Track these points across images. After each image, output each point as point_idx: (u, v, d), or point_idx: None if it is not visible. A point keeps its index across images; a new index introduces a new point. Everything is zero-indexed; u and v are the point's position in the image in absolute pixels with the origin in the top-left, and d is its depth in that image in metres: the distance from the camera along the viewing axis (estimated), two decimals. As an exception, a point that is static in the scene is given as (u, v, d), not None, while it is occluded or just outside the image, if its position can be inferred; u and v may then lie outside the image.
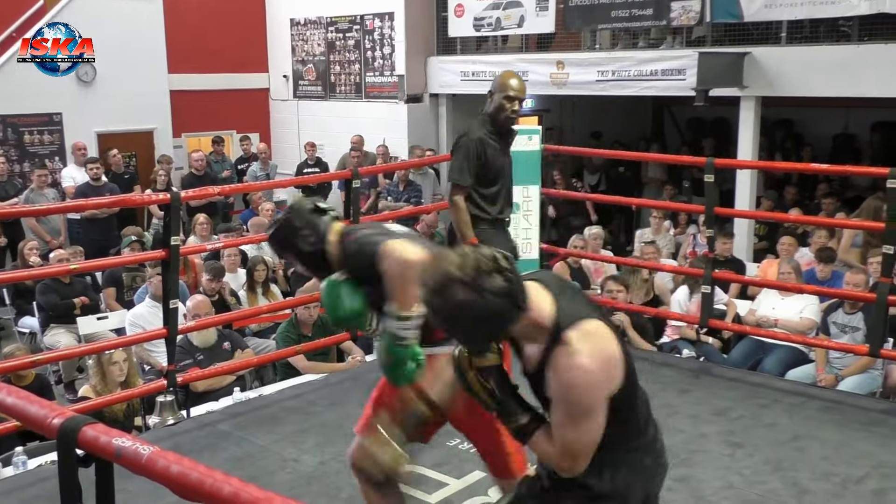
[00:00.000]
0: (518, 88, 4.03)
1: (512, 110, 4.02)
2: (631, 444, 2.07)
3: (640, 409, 2.10)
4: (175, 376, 4.42)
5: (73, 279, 7.28)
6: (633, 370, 2.02)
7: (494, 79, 4.19)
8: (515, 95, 4.01)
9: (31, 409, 1.76)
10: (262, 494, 1.46)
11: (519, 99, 4.02)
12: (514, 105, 4.01)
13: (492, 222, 4.06)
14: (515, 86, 4.02)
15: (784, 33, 8.02)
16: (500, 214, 4.10)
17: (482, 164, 3.99)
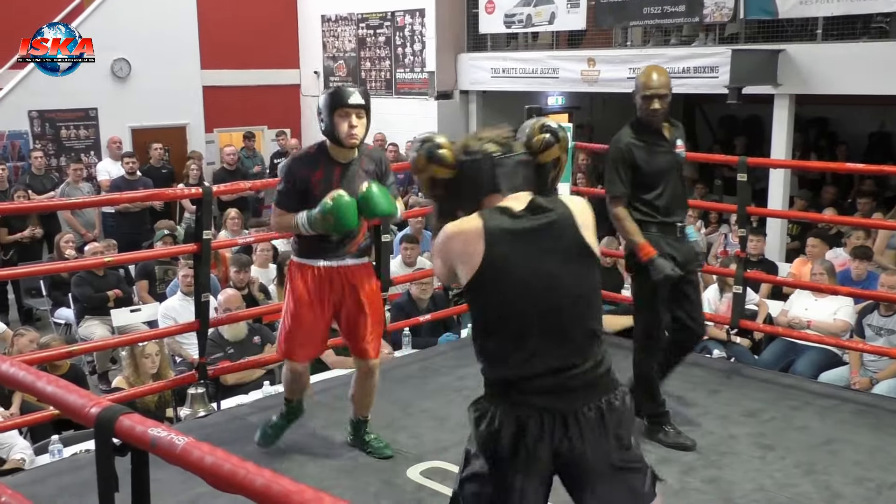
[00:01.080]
0: (654, 84, 3.70)
1: (651, 109, 3.71)
2: (497, 371, 2.11)
3: (510, 332, 2.09)
4: (206, 369, 4.46)
5: (107, 272, 7.39)
6: (509, 284, 2.07)
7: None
8: (652, 93, 3.69)
9: (69, 398, 1.79)
10: (294, 487, 1.47)
11: (657, 95, 3.68)
12: (652, 103, 3.70)
13: (660, 226, 3.77)
14: (650, 83, 3.71)
15: (820, 30, 7.91)
16: (669, 218, 3.77)
17: (634, 169, 3.74)
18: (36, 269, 6.40)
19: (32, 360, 4.09)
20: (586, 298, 2.16)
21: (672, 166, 3.80)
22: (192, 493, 3.28)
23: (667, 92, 3.71)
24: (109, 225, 9.08)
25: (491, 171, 2.15)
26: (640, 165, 3.74)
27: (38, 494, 3.30)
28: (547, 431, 2.03)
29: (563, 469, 2.10)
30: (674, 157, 3.81)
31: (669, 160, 3.79)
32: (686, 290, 3.85)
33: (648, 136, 3.78)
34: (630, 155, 3.75)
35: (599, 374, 2.12)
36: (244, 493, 1.54)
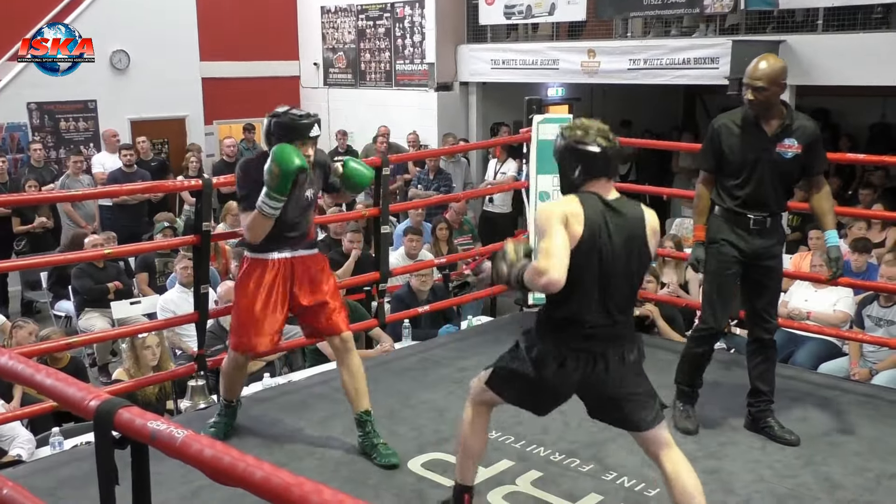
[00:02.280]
0: (751, 74, 3.62)
1: (748, 99, 3.66)
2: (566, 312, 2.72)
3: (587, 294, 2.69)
4: (205, 360, 4.46)
5: (107, 264, 7.39)
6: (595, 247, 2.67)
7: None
8: (749, 83, 3.64)
9: (68, 390, 1.79)
10: (293, 479, 1.47)
11: (751, 87, 3.61)
12: (747, 93, 3.65)
13: (730, 213, 3.77)
14: (748, 71, 3.65)
15: (820, 21, 7.88)
16: (744, 209, 3.73)
17: (718, 151, 3.77)
18: (34, 261, 6.38)
19: (32, 352, 4.09)
20: (638, 277, 2.83)
21: (764, 161, 3.70)
22: (193, 486, 3.29)
23: (765, 85, 3.59)
24: (107, 218, 9.07)
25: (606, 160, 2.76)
26: (724, 150, 3.76)
27: (39, 486, 3.30)
28: (581, 366, 2.73)
29: (585, 391, 2.84)
30: (769, 152, 3.70)
31: (762, 155, 3.70)
32: (754, 283, 3.84)
33: (744, 126, 3.74)
34: (717, 136, 3.79)
35: (629, 332, 2.80)
36: (243, 486, 1.54)
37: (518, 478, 3.50)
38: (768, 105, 3.65)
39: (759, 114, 3.67)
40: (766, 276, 3.82)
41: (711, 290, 3.87)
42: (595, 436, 3.88)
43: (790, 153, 3.71)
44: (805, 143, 3.71)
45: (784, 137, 3.70)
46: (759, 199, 3.74)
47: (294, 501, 1.43)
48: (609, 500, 3.33)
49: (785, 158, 3.71)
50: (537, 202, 5.55)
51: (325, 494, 1.41)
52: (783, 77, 3.65)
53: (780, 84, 3.64)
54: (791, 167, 3.74)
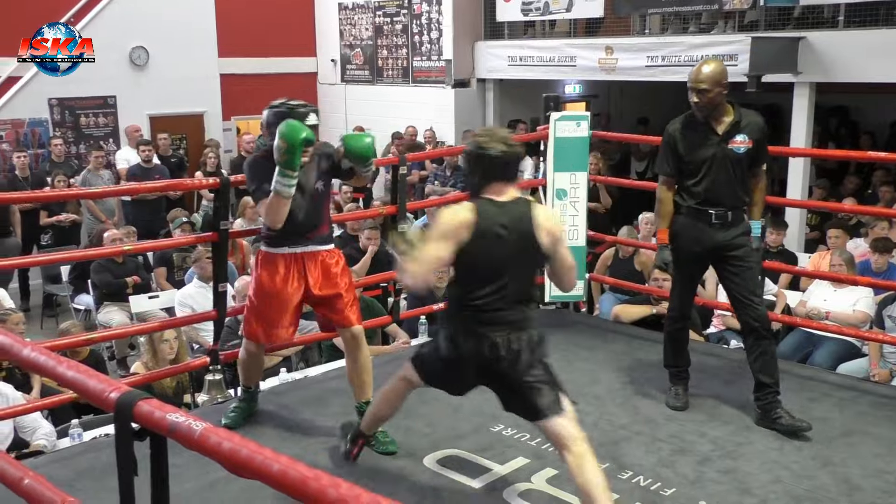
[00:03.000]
0: (694, 78, 3.86)
1: (694, 101, 3.88)
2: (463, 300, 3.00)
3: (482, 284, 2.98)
4: (218, 355, 4.49)
5: (126, 259, 7.45)
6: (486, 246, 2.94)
7: None
8: (693, 86, 3.86)
9: (89, 382, 1.81)
10: (311, 472, 1.48)
11: (694, 90, 3.85)
12: (692, 96, 3.87)
13: (692, 211, 3.97)
14: (690, 76, 3.89)
15: (841, 17, 7.81)
16: (704, 206, 3.94)
17: (676, 155, 3.98)
18: (55, 257, 6.45)
19: (54, 346, 4.13)
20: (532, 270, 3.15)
21: (718, 158, 3.90)
22: (209, 478, 3.31)
23: (707, 87, 3.80)
24: (125, 212, 9.17)
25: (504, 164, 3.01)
26: (680, 152, 3.97)
27: (58, 477, 3.34)
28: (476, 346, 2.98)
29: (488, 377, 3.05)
30: (722, 149, 3.90)
31: (715, 152, 3.90)
32: (728, 273, 3.99)
33: (695, 127, 3.96)
34: (672, 140, 4.01)
35: (523, 319, 3.01)
36: (261, 479, 1.55)
37: (533, 475, 3.49)
38: (714, 105, 3.85)
39: (708, 114, 3.89)
40: (735, 265, 3.96)
41: (677, 282, 4.20)
42: (610, 435, 3.88)
43: (742, 148, 3.91)
44: (755, 138, 3.92)
45: (735, 134, 3.90)
46: (717, 195, 3.93)
47: (311, 494, 1.44)
48: (624, 499, 3.32)
49: (738, 154, 3.91)
50: (554, 199, 5.54)
51: (342, 488, 1.42)
52: (725, 78, 3.85)
53: (722, 84, 3.83)
54: (743, 161, 3.94)
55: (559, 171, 5.54)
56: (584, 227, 5.58)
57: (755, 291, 4.00)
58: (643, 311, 5.67)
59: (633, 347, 5.10)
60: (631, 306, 5.80)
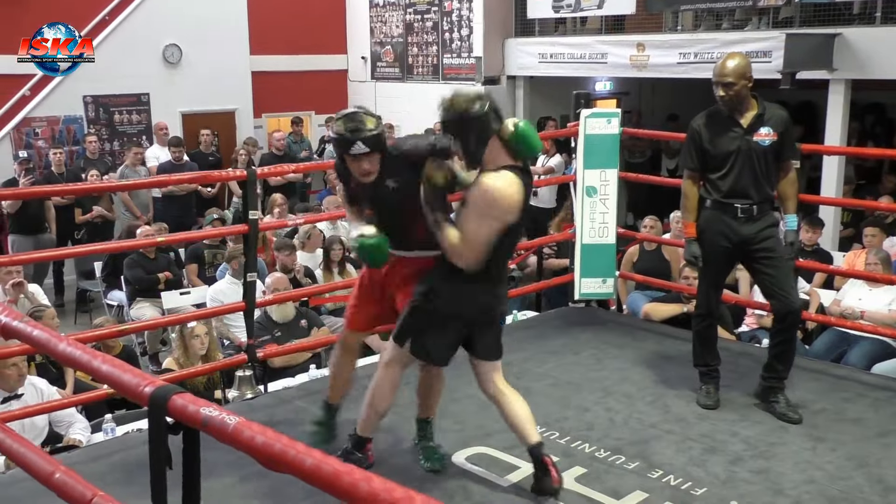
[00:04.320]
0: (720, 72, 3.89)
1: (719, 95, 3.91)
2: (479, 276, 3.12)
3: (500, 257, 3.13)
4: (254, 351, 4.52)
5: (158, 255, 7.54)
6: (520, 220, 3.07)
7: None
8: (718, 80, 3.89)
9: (124, 377, 1.83)
10: (344, 468, 1.48)
11: (719, 83, 3.88)
12: (718, 90, 3.91)
13: (718, 204, 3.99)
14: (714, 70, 3.92)
15: (879, 13, 7.69)
16: (729, 199, 3.96)
17: (700, 149, 4.01)
18: (87, 249, 6.52)
19: (87, 338, 4.19)
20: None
21: (743, 151, 3.91)
22: (241, 473, 3.34)
23: (733, 80, 3.82)
24: (157, 208, 9.28)
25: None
26: (705, 147, 3.99)
27: (90, 471, 3.38)
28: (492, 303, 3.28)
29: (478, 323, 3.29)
30: (746, 142, 3.91)
31: (740, 145, 3.91)
32: (758, 266, 4.00)
33: (719, 121, 3.98)
34: (696, 135, 4.03)
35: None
36: (294, 473, 1.56)
37: (562, 473, 3.48)
38: (739, 99, 3.87)
39: (733, 108, 3.91)
40: (765, 259, 3.96)
41: (703, 278, 4.19)
42: (641, 433, 3.85)
43: (767, 141, 3.91)
44: (780, 131, 3.92)
45: (759, 126, 3.91)
46: (743, 189, 3.94)
47: (344, 489, 1.45)
48: (654, 498, 3.30)
49: (762, 146, 3.91)
50: (584, 197, 5.51)
51: (374, 483, 1.43)
52: (749, 71, 3.87)
53: (747, 78, 3.86)
54: (768, 154, 3.93)
55: (589, 168, 5.51)
56: (613, 225, 5.55)
57: (786, 284, 3.98)
58: (674, 309, 5.62)
59: (663, 346, 5.06)
60: (661, 304, 5.76)
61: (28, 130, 10.13)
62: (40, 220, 8.70)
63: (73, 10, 9.77)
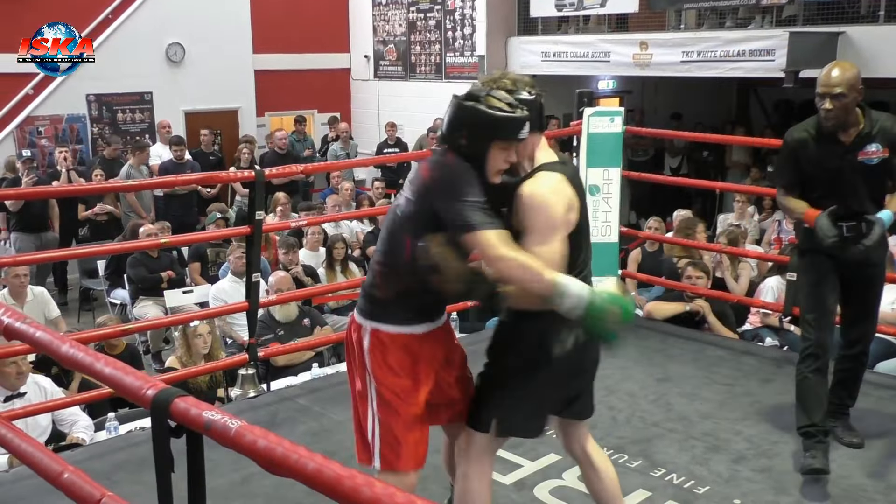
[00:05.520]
0: (822, 82, 3.37)
1: (824, 108, 3.37)
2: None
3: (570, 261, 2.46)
4: (256, 350, 4.53)
5: (161, 254, 7.54)
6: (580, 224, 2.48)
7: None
8: (823, 92, 3.36)
9: (126, 379, 1.83)
10: (345, 472, 1.49)
11: (828, 94, 3.34)
12: (823, 102, 3.36)
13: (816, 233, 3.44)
14: (820, 79, 3.39)
15: (882, 11, 7.67)
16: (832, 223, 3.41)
17: (796, 167, 3.53)
18: (90, 250, 6.55)
19: (89, 338, 4.20)
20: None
21: (847, 172, 3.44)
22: (244, 473, 3.35)
23: (843, 91, 3.32)
24: (159, 207, 9.29)
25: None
26: (803, 165, 3.52)
27: (95, 470, 3.38)
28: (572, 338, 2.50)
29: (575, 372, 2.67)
30: (850, 163, 3.43)
31: (843, 165, 3.44)
32: (857, 289, 3.61)
33: (820, 136, 3.47)
34: (792, 152, 3.56)
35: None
36: (296, 477, 1.56)
37: (565, 472, 3.48)
38: (847, 112, 3.38)
39: (839, 123, 3.40)
40: (863, 283, 3.61)
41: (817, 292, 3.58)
42: (643, 432, 3.85)
43: (875, 159, 3.44)
44: (891, 146, 3.45)
45: (865, 144, 3.43)
46: (847, 211, 3.42)
47: (346, 493, 1.45)
48: (657, 496, 3.30)
49: (870, 165, 3.44)
50: (587, 195, 5.50)
51: (376, 487, 1.43)
52: (860, 83, 3.39)
53: (858, 90, 3.38)
54: (879, 173, 3.46)
55: (592, 166, 5.51)
56: (616, 224, 5.54)
57: (870, 310, 3.69)
58: (676, 307, 5.62)
59: (666, 344, 5.06)
60: (664, 303, 5.75)
61: (31, 129, 10.15)
62: (43, 219, 8.72)
63: (76, 8, 9.79)
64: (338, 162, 10.08)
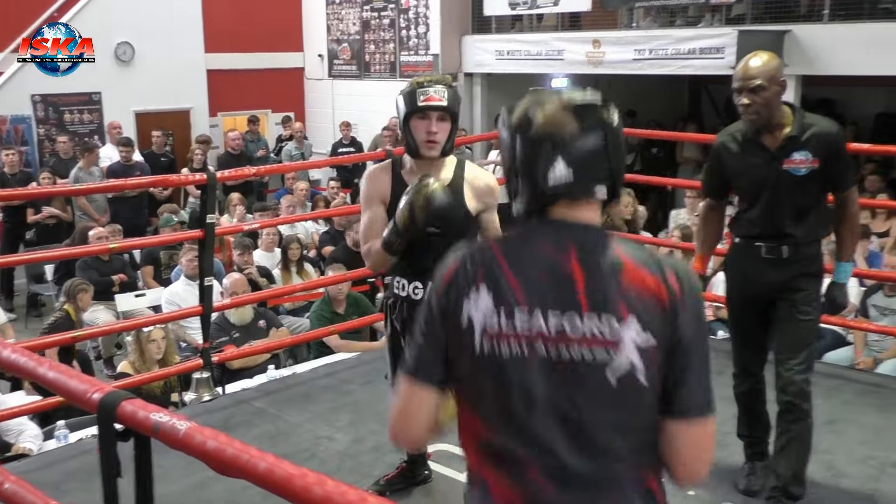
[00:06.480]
0: (738, 75, 2.98)
1: (742, 105, 2.97)
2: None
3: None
4: (210, 354, 4.47)
5: (112, 257, 7.41)
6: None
7: None
8: (739, 86, 2.97)
9: (71, 383, 1.80)
10: (297, 471, 1.47)
11: (744, 88, 2.95)
12: (741, 98, 2.97)
13: (744, 241, 3.17)
14: (736, 72, 3.00)
15: (827, 10, 7.85)
16: (755, 239, 3.12)
17: (719, 174, 3.21)
18: (40, 255, 6.42)
19: (37, 345, 4.10)
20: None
21: (771, 182, 3.04)
22: (196, 478, 3.30)
23: (763, 83, 2.92)
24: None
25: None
26: (726, 173, 3.19)
27: (44, 480, 3.31)
28: None
29: None
30: (774, 171, 3.02)
31: (767, 175, 3.04)
32: (776, 321, 3.15)
33: (744, 140, 3.10)
34: (716, 157, 3.21)
35: None
36: (247, 477, 1.54)
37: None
38: (770, 110, 2.97)
39: (761, 124, 3.00)
40: (784, 313, 3.11)
41: (730, 329, 3.45)
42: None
43: (803, 169, 3.00)
44: (822, 155, 2.99)
45: (792, 151, 3.00)
46: (772, 227, 3.08)
47: (297, 493, 1.44)
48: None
49: (797, 176, 3.00)
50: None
51: (327, 486, 1.42)
52: (782, 74, 3.00)
53: (780, 83, 2.98)
54: (807, 186, 3.02)
55: (546, 164, 5.54)
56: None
57: (798, 352, 3.07)
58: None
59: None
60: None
61: (-26, 131, 9.90)
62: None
63: (22, 5, 9.57)
64: (292, 163, 9.99)
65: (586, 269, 1.41)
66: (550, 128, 1.46)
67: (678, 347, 1.41)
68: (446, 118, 2.79)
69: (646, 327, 1.39)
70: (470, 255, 1.48)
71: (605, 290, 1.40)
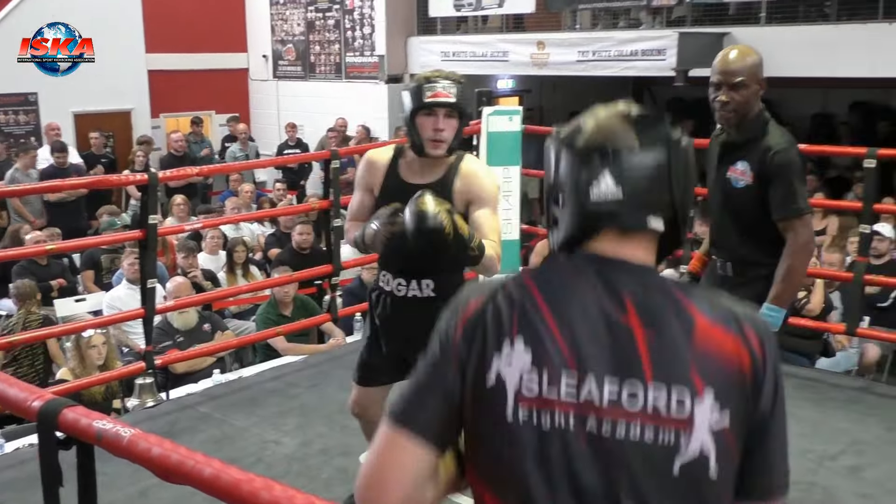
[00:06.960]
0: (719, 68, 2.74)
1: (719, 101, 2.71)
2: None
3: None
4: (153, 358, 4.39)
5: (51, 261, 7.22)
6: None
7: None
8: (719, 80, 2.73)
9: (9, 391, 1.75)
10: (243, 476, 1.46)
11: (725, 84, 2.70)
12: (718, 94, 2.72)
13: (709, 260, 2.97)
14: (716, 65, 2.76)
15: (763, 13, 8.05)
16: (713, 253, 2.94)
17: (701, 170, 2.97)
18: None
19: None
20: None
21: (718, 188, 2.81)
22: (142, 486, 3.24)
23: (745, 79, 2.69)
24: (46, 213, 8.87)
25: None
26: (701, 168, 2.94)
27: (-19, 490, 3.22)
28: None
29: None
30: (721, 177, 2.79)
31: (715, 178, 2.82)
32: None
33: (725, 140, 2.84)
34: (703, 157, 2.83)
35: None
36: (192, 484, 1.52)
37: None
38: (747, 110, 2.71)
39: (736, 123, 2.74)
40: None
41: None
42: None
43: (741, 182, 2.73)
44: (758, 171, 2.69)
45: (737, 159, 2.74)
46: (720, 239, 2.88)
47: (244, 498, 1.42)
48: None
49: (735, 188, 2.75)
50: (488, 194, 5.56)
51: (275, 490, 1.40)
52: (762, 72, 2.79)
53: (760, 82, 2.75)
54: (746, 200, 2.73)
55: (492, 165, 5.55)
56: (517, 221, 5.63)
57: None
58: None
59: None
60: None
61: None
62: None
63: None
64: (237, 163, 9.87)
65: (648, 324, 1.12)
66: (602, 137, 1.20)
67: (760, 426, 1.14)
68: (454, 115, 2.69)
69: (724, 405, 1.10)
70: (501, 293, 1.16)
71: (675, 354, 1.10)
